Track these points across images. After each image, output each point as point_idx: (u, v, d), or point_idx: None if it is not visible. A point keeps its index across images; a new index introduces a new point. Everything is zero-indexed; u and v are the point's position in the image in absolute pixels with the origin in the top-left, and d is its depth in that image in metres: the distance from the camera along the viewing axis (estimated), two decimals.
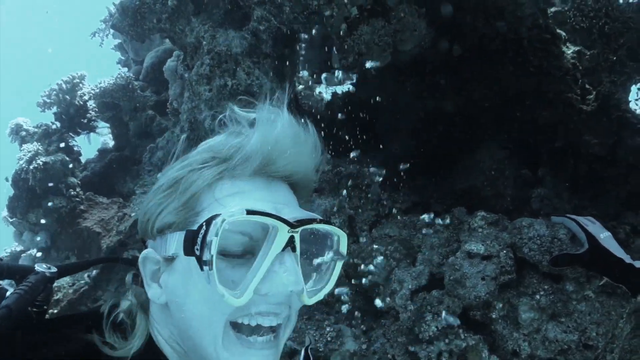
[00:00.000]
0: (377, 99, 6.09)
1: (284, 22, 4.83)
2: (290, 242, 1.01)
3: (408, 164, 5.06)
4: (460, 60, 6.13)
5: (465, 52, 6.14)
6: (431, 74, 6.21)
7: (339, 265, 1.15)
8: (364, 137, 5.86)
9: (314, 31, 4.94)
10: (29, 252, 5.89)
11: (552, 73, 6.27)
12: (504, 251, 4.00)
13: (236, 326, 1.03)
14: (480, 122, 6.10)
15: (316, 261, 1.16)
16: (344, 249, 1.14)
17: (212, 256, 0.96)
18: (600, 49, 6.43)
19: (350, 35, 4.84)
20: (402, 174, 5.32)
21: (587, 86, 6.40)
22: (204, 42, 5.11)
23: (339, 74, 4.99)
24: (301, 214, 1.08)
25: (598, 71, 6.36)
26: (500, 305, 4.01)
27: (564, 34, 6.46)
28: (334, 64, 4.98)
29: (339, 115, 6.30)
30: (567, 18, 6.53)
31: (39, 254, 5.77)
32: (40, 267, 1.17)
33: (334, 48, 4.98)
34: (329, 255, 1.16)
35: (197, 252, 0.98)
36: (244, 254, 1.04)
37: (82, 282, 5.48)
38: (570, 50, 6.48)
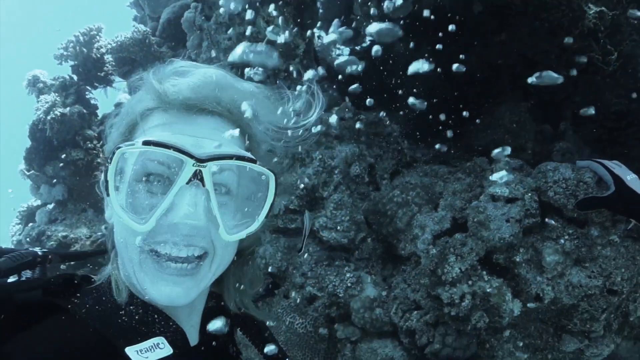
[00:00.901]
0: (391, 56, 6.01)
1: None
2: (198, 176, 1.02)
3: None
4: (480, 17, 6.04)
5: (485, 8, 6.05)
6: (449, 30, 6.12)
7: (267, 205, 1.14)
8: (381, 93, 5.79)
9: None
10: (45, 207, 5.89)
11: (572, 32, 6.16)
12: (529, 194, 3.95)
13: (155, 252, 1.07)
14: (500, 79, 6.02)
15: (244, 199, 1.17)
16: (272, 188, 1.13)
17: (106, 182, 1.04)
18: (622, 11, 6.32)
19: None
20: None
21: (608, 46, 6.30)
22: None
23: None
24: (222, 151, 1.07)
25: (620, 32, 6.26)
26: (524, 249, 3.97)
27: None
28: (355, 11, 4.90)
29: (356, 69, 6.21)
30: None
31: (55, 207, 5.78)
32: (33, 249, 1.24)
33: None
34: (256, 195, 1.16)
35: (104, 178, 1.06)
36: (165, 182, 1.07)
37: (99, 234, 5.47)
38: (592, 10, 6.36)
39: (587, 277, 3.94)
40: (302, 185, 4.57)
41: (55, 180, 5.74)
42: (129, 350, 1.02)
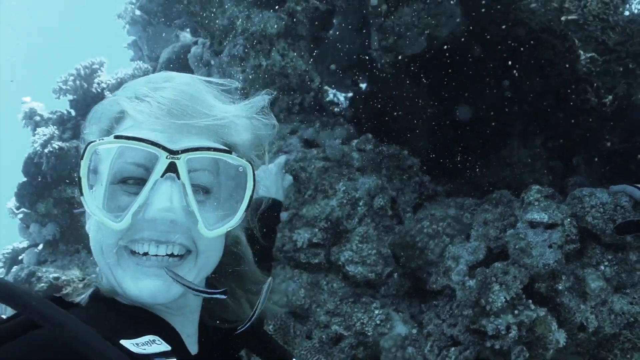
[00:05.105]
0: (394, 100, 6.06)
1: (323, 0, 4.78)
2: (172, 169, 1.00)
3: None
4: (479, 61, 6.22)
5: (484, 53, 6.24)
6: (450, 73, 6.26)
7: (247, 196, 1.09)
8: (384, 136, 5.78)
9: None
10: (34, 248, 5.41)
11: (567, 77, 6.40)
12: (568, 219, 3.88)
13: (132, 253, 1.03)
14: (500, 122, 6.14)
15: (225, 198, 1.13)
16: (250, 179, 1.09)
17: (79, 179, 0.99)
18: (614, 56, 6.65)
19: (390, 16, 4.82)
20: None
21: (602, 91, 6.55)
22: (238, 23, 4.99)
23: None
24: (196, 143, 1.04)
25: (612, 75, 6.55)
26: (566, 276, 3.86)
27: (577, 40, 6.64)
28: (372, 45, 4.92)
29: (360, 113, 6.23)
30: (579, 27, 6.76)
31: (45, 248, 5.32)
32: None
33: (373, 29, 4.94)
34: (236, 190, 1.13)
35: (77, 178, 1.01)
36: (142, 184, 1.03)
37: (94, 275, 5.05)
38: (584, 56, 6.65)
39: (629, 304, 3.84)
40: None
41: (46, 220, 5.32)
42: (125, 343, 0.92)
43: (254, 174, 1.09)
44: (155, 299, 1.02)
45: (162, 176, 0.99)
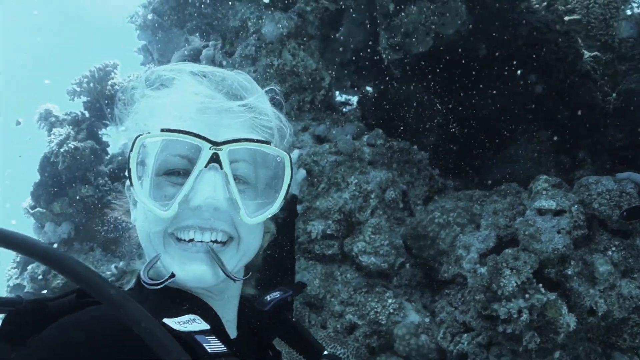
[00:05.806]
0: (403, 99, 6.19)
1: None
2: (215, 160, 1.05)
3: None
4: (485, 59, 6.35)
5: (490, 51, 6.38)
6: (456, 72, 6.39)
7: (285, 185, 1.15)
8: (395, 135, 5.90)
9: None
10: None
11: (572, 75, 6.53)
12: (576, 206, 3.99)
13: (178, 240, 1.09)
14: (507, 118, 6.26)
15: (263, 186, 1.18)
16: (287, 168, 1.14)
17: (129, 170, 1.05)
18: (616, 54, 6.80)
19: (398, 14, 4.96)
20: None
21: (606, 88, 6.68)
22: (250, 24, 5.13)
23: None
24: (238, 136, 1.09)
25: (615, 73, 6.69)
26: (575, 261, 3.95)
27: (580, 40, 6.78)
28: (380, 44, 5.05)
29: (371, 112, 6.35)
30: (583, 27, 6.92)
31: (60, 247, 5.41)
32: None
33: (381, 27, 5.07)
34: (274, 179, 1.18)
35: (127, 170, 1.06)
36: (186, 175, 1.09)
37: (109, 272, 5.14)
38: (587, 54, 6.79)
39: (637, 288, 3.93)
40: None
41: (61, 218, 5.41)
42: (167, 321, 0.98)
43: (291, 164, 1.14)
44: (200, 282, 1.09)
45: (205, 166, 1.04)
